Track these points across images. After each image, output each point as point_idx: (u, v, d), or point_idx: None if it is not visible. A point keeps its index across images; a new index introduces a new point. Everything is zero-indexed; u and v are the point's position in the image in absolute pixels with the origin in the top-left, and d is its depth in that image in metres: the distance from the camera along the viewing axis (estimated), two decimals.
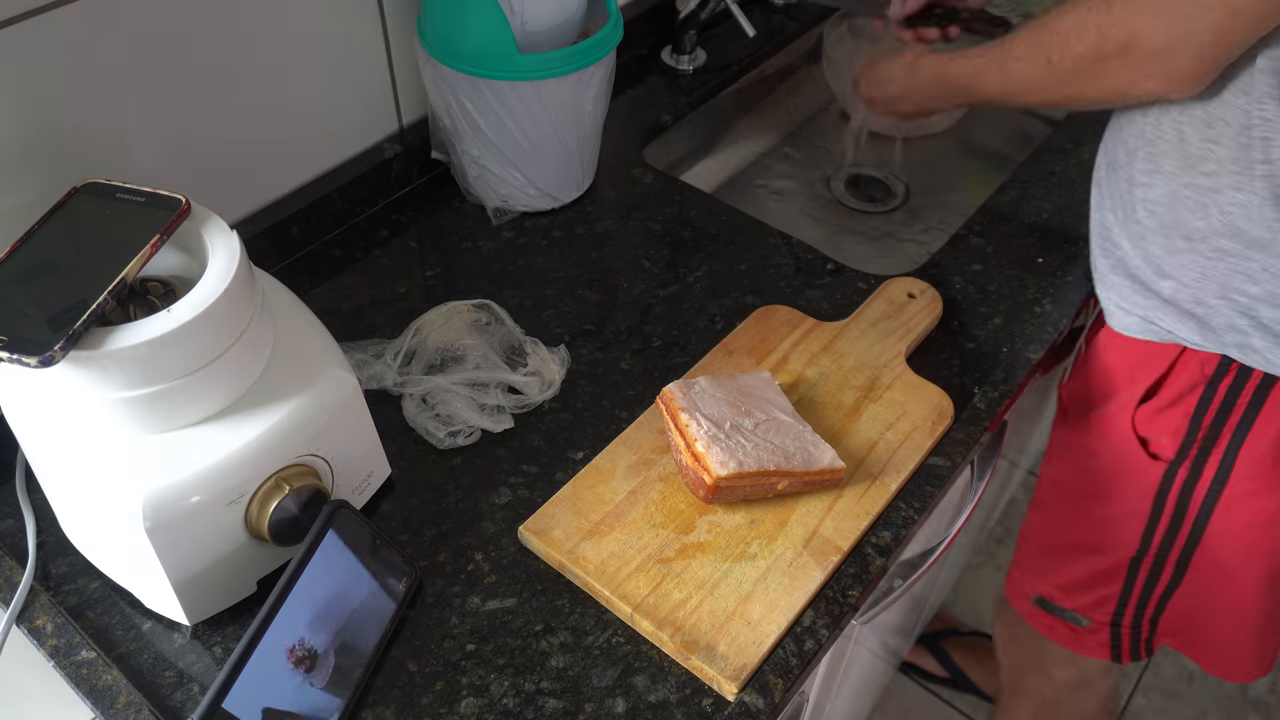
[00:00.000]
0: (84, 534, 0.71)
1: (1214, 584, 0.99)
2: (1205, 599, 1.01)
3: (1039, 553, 1.14)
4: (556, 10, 0.93)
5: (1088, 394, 1.00)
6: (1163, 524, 0.97)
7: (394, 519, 0.78)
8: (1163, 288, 0.87)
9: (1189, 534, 0.96)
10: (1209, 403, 0.89)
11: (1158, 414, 0.92)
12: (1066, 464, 1.06)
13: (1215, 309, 0.84)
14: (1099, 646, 1.12)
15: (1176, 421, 0.91)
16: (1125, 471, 0.97)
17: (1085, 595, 1.08)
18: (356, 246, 1.00)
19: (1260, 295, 0.81)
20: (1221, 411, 0.89)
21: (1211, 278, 0.83)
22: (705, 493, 0.74)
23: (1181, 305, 0.86)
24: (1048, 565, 1.12)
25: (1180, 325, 0.87)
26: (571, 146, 1.00)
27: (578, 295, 0.96)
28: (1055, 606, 1.12)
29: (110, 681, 0.67)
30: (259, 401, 0.66)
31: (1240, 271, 0.81)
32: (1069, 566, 1.09)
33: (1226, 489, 0.92)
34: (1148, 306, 0.89)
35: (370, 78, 0.99)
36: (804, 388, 0.87)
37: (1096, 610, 1.09)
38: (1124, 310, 0.92)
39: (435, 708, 0.67)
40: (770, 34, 1.36)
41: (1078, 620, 1.11)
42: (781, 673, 0.69)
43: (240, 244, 0.64)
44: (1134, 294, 0.90)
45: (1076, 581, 1.09)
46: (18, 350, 0.56)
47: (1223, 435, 0.90)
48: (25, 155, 0.74)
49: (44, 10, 0.71)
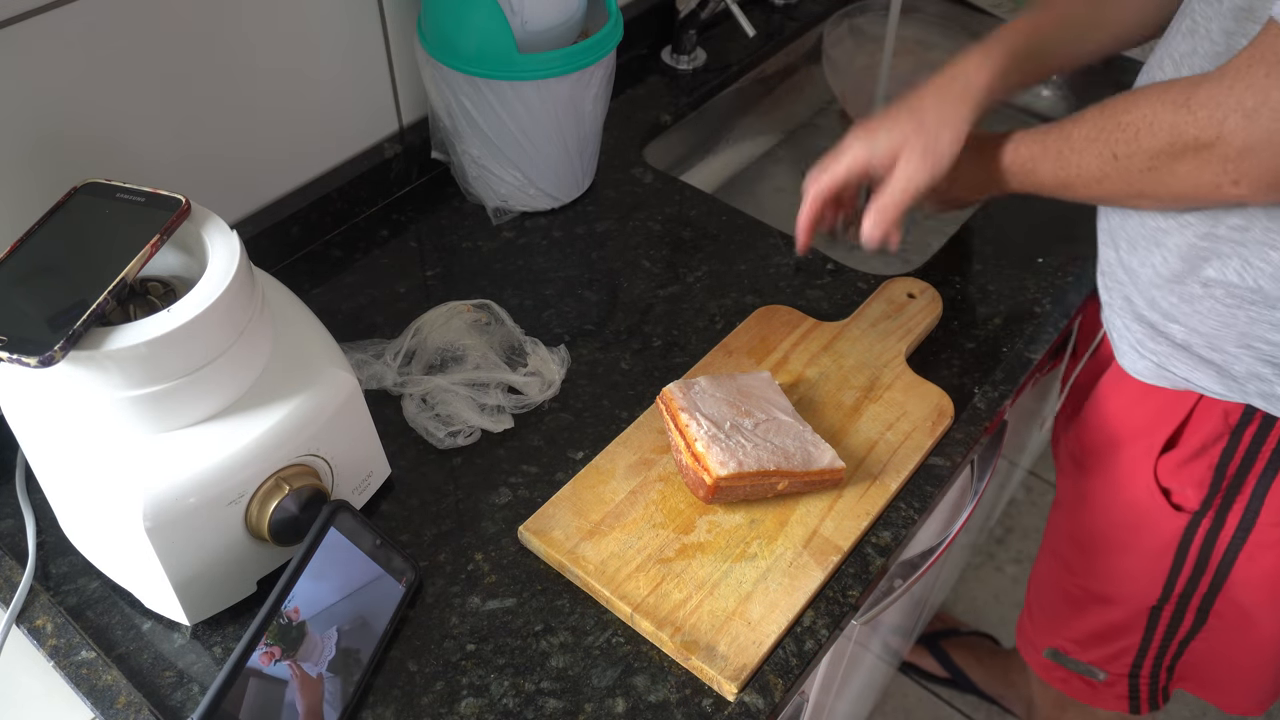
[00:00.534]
0: (84, 534, 0.71)
1: (1235, 629, 0.96)
2: (1225, 644, 0.98)
3: (1051, 605, 1.09)
4: (556, 10, 0.93)
5: (1099, 442, 0.95)
6: (1185, 573, 0.93)
7: (394, 519, 0.78)
8: (1174, 332, 0.81)
9: (1211, 581, 0.93)
10: (1234, 452, 0.84)
11: (1182, 466, 0.88)
12: (1081, 513, 1.00)
13: (1235, 356, 0.79)
14: (1116, 699, 1.08)
15: (1201, 473, 0.87)
16: (1146, 523, 0.92)
17: (1101, 648, 1.05)
18: (356, 246, 1.00)
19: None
20: (1246, 460, 0.84)
21: (1231, 326, 0.77)
22: (705, 493, 0.74)
23: (1195, 351, 0.81)
24: (1061, 618, 1.08)
25: (1197, 373, 0.82)
26: (571, 146, 1.00)
27: (578, 295, 0.96)
28: (1069, 660, 1.08)
29: (110, 681, 0.67)
30: (259, 401, 0.66)
31: (1265, 320, 0.75)
32: (1084, 619, 1.04)
33: (1251, 537, 0.88)
34: (1160, 352, 0.84)
35: (370, 78, 0.99)
36: (804, 388, 0.87)
37: (1113, 663, 1.05)
38: (1137, 353, 0.86)
39: (435, 708, 0.67)
40: (770, 34, 1.36)
41: (1093, 674, 1.07)
42: (781, 673, 0.69)
43: (240, 244, 0.64)
44: (1145, 337, 0.85)
45: (1092, 635, 1.05)
46: (18, 350, 0.56)
47: (1247, 483, 0.86)
48: (25, 155, 0.74)
49: (44, 10, 0.71)
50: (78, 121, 0.77)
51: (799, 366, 0.88)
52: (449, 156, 1.03)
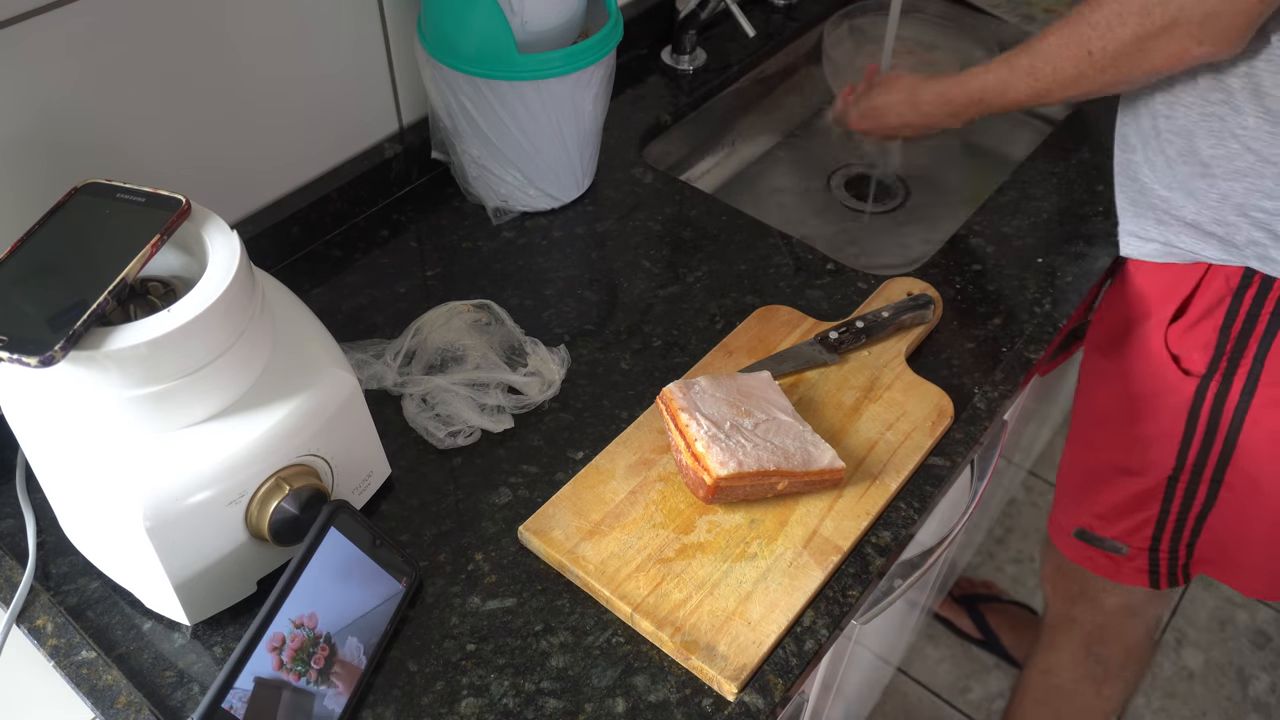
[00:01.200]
0: (84, 534, 0.71)
1: (1247, 501, 1.01)
2: (1240, 519, 1.03)
3: (1077, 484, 1.16)
4: (556, 10, 0.93)
5: (1118, 321, 1.03)
6: (1196, 440, 1.00)
7: (394, 519, 0.78)
8: (1185, 212, 0.90)
9: (1221, 449, 0.99)
10: (1235, 314, 0.92)
11: (1189, 330, 0.95)
12: (1101, 390, 1.08)
13: (1236, 226, 0.88)
14: (1137, 573, 1.14)
15: (1206, 335, 0.94)
16: (1160, 390, 1.00)
17: (1124, 521, 1.11)
18: (356, 246, 1.00)
19: (1276, 210, 0.85)
20: (1247, 322, 0.92)
21: (1230, 198, 0.87)
22: (705, 493, 0.74)
23: (1204, 227, 0.90)
24: (1086, 495, 1.14)
25: (1203, 245, 0.91)
26: (571, 146, 1.00)
27: (578, 295, 0.96)
28: (1095, 537, 1.15)
29: (110, 681, 0.67)
30: (259, 401, 0.66)
31: (1257, 189, 0.85)
32: (1107, 492, 1.11)
33: (1255, 398, 0.94)
34: (1168, 233, 0.93)
35: (370, 78, 0.99)
36: (804, 388, 0.87)
37: (1134, 536, 1.11)
38: (1142, 240, 0.96)
39: (435, 708, 0.67)
40: (770, 34, 1.36)
41: (1117, 549, 1.13)
42: (781, 673, 0.69)
43: (240, 244, 0.64)
44: (1155, 224, 0.94)
45: (1115, 508, 1.11)
46: (18, 350, 0.56)
47: (1250, 345, 0.92)
48: (26, 155, 0.74)
49: (44, 10, 0.71)
50: (78, 121, 0.77)
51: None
52: (449, 156, 1.03)
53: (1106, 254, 1.03)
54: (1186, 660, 1.79)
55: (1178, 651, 1.80)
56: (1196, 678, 1.77)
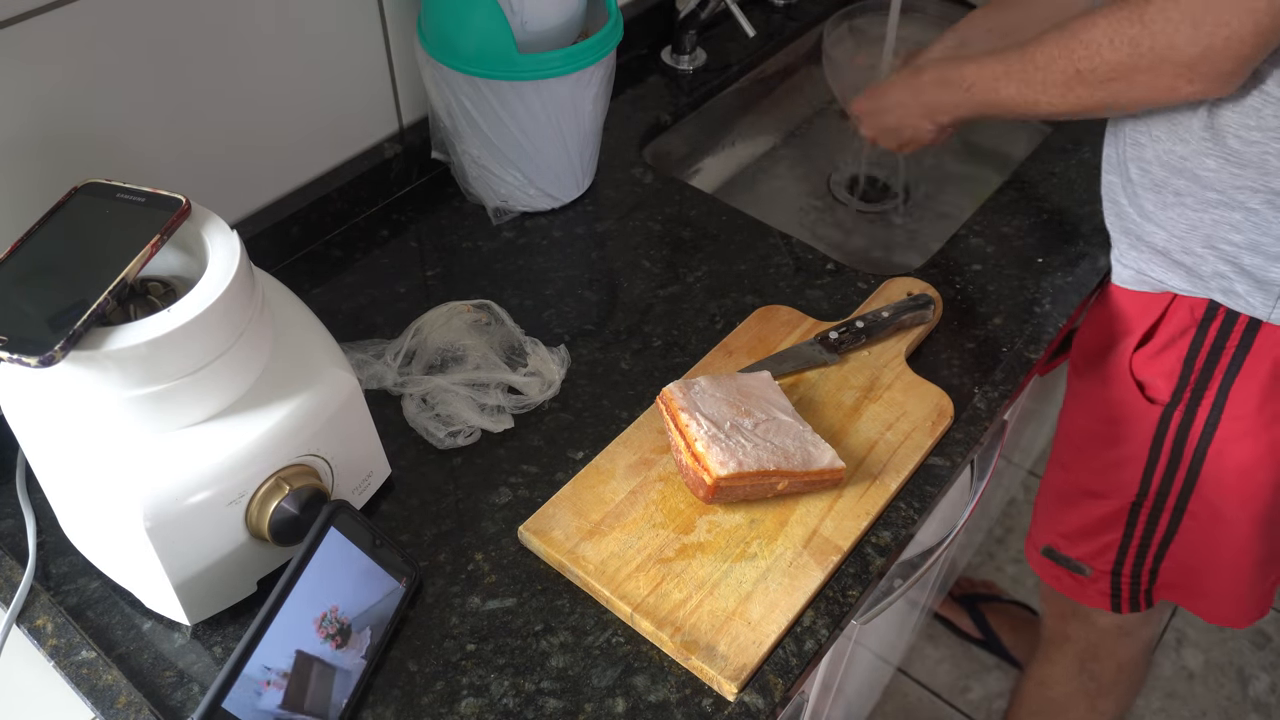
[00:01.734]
0: (84, 534, 0.71)
1: (1210, 529, 1.01)
2: (1202, 546, 1.04)
3: (1050, 502, 1.17)
4: (556, 10, 0.93)
5: (1094, 343, 1.03)
6: (1160, 467, 1.00)
7: (394, 519, 0.78)
8: (1155, 239, 0.90)
9: (1185, 478, 0.99)
10: (1200, 346, 0.92)
11: (1153, 358, 0.96)
12: (1077, 413, 1.09)
13: (1202, 257, 0.88)
14: (1099, 596, 1.14)
15: (1170, 364, 0.95)
16: (1127, 416, 1.00)
17: (1088, 543, 1.11)
18: (356, 246, 1.00)
19: (1243, 244, 0.85)
20: (1212, 354, 0.92)
21: (1199, 229, 0.87)
22: (705, 493, 0.74)
23: (1172, 255, 0.90)
24: (1056, 513, 1.15)
25: (1170, 275, 0.91)
26: (571, 146, 1.00)
27: (578, 295, 0.96)
28: (1060, 555, 1.15)
29: (110, 681, 0.67)
30: (259, 401, 0.66)
31: (1225, 222, 0.85)
32: (1074, 513, 1.12)
33: (1219, 430, 0.95)
34: (1140, 259, 0.93)
35: (370, 78, 0.99)
36: (804, 388, 0.87)
37: (1098, 559, 1.11)
38: (1121, 264, 0.96)
39: (435, 708, 0.67)
40: (770, 34, 1.36)
41: (1080, 569, 1.14)
42: (781, 673, 0.69)
43: (240, 244, 0.64)
44: (1130, 249, 0.94)
45: (1080, 529, 1.11)
46: (18, 350, 0.56)
47: (1214, 377, 0.93)
48: (26, 155, 0.74)
49: (44, 10, 0.71)
50: (78, 121, 0.77)
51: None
52: (449, 156, 1.03)
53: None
54: (1186, 660, 1.79)
55: (1178, 651, 1.80)
56: (1196, 678, 1.77)
